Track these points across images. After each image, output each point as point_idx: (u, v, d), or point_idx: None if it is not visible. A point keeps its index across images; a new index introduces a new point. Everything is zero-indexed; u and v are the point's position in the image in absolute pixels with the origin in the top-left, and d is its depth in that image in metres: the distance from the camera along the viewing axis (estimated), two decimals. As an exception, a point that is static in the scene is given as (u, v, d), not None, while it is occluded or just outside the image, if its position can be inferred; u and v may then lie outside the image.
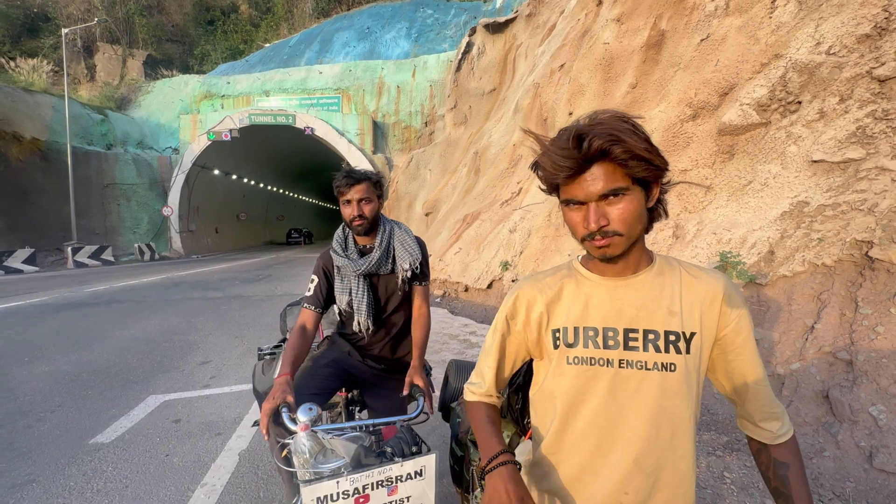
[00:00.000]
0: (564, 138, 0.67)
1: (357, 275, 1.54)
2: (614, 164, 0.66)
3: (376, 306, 1.58)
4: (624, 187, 0.66)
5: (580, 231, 0.70)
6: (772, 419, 0.75)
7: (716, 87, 4.83)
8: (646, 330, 0.72)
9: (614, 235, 0.68)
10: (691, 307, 0.72)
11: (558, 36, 10.23)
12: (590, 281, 0.78)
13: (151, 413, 2.93)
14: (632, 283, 0.74)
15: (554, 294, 0.79)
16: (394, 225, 1.63)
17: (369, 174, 1.54)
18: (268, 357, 1.70)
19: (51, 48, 26.95)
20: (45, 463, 2.30)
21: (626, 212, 0.67)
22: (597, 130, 0.65)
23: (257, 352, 1.76)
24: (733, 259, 3.60)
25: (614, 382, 0.72)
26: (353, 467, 0.91)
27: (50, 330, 5.51)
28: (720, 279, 0.75)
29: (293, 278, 11.23)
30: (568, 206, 0.71)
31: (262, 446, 2.43)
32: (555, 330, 0.78)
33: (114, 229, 20.31)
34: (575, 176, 0.67)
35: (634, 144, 0.65)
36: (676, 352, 0.71)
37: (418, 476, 0.91)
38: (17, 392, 3.35)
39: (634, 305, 0.73)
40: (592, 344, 0.74)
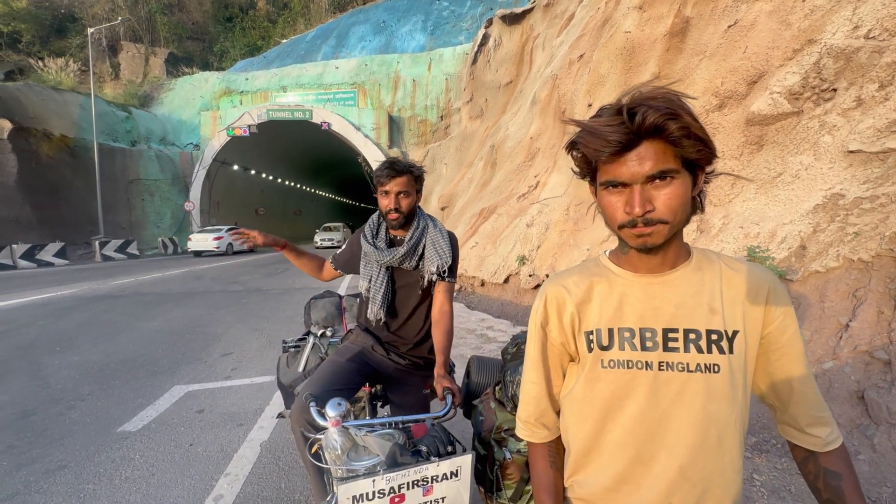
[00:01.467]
0: (612, 111, 0.61)
1: (380, 265, 1.53)
2: (665, 143, 0.60)
3: (392, 299, 1.56)
4: (674, 169, 0.61)
5: (619, 217, 0.64)
6: (820, 424, 0.68)
7: (744, 76, 4.65)
8: (686, 329, 0.67)
9: (658, 223, 0.62)
10: (733, 304, 0.67)
11: (577, 26, 10.01)
12: (622, 278, 0.72)
13: (176, 403, 3.01)
14: (669, 280, 0.69)
15: (583, 294, 0.74)
16: (429, 222, 1.59)
17: (412, 167, 1.51)
18: (292, 350, 1.71)
19: (77, 48, 27.75)
20: (76, 450, 2.38)
21: (674, 197, 0.61)
22: (651, 103, 0.58)
23: (282, 344, 1.77)
24: (762, 254, 3.48)
25: (654, 386, 0.67)
26: (388, 465, 0.89)
27: (79, 321, 5.71)
28: (765, 274, 0.70)
29: (311, 272, 11.36)
30: (606, 188, 0.65)
31: (284, 438, 2.46)
32: (588, 332, 0.72)
33: (138, 224, 20.92)
34: (620, 154, 0.61)
35: (691, 122, 0.59)
36: (720, 352, 0.66)
37: (454, 477, 0.88)
38: (50, 380, 3.48)
39: (672, 303, 0.68)
40: (629, 346, 0.69)
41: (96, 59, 23.67)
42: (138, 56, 30.21)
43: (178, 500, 1.92)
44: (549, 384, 0.78)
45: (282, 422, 2.64)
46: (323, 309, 1.85)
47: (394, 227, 1.53)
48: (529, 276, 6.37)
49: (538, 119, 9.67)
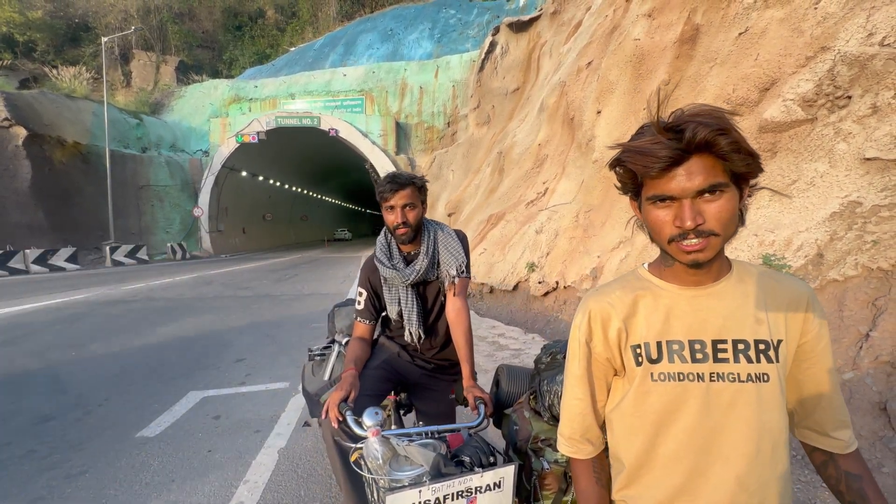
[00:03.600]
0: (654, 130, 0.63)
1: (405, 285, 1.50)
2: (714, 158, 0.61)
3: (425, 314, 1.56)
4: (724, 183, 0.62)
5: (668, 231, 0.65)
6: (844, 427, 0.71)
7: (756, 83, 4.64)
8: (735, 340, 0.68)
9: (710, 236, 0.63)
10: (776, 314, 0.69)
11: (585, 33, 10.06)
12: (667, 291, 0.73)
13: (192, 409, 3.02)
14: (714, 292, 0.70)
15: (629, 308, 0.74)
16: (436, 228, 1.58)
17: (414, 178, 1.48)
18: (318, 358, 1.72)
19: (91, 56, 28.29)
20: (96, 455, 2.40)
21: (725, 211, 0.62)
22: (700, 119, 0.60)
23: (308, 352, 1.77)
24: (777, 262, 3.45)
25: (707, 398, 0.68)
26: (432, 476, 0.89)
27: (93, 326, 5.77)
28: (803, 285, 0.72)
29: (319, 278, 11.43)
30: (654, 202, 0.66)
31: (301, 446, 2.47)
32: (635, 346, 0.73)
33: (148, 229, 21.14)
34: (669, 169, 0.62)
35: (740, 136, 0.61)
36: (768, 361, 0.67)
37: (497, 488, 0.88)
38: (67, 385, 3.52)
39: (720, 315, 0.69)
40: (679, 358, 0.69)
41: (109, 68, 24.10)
42: (150, 64, 30.73)
43: (198, 507, 1.93)
44: (594, 400, 0.78)
45: (299, 429, 2.65)
46: (347, 317, 1.84)
47: (404, 242, 1.50)
48: (539, 283, 6.35)
49: (546, 126, 9.69)
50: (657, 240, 0.68)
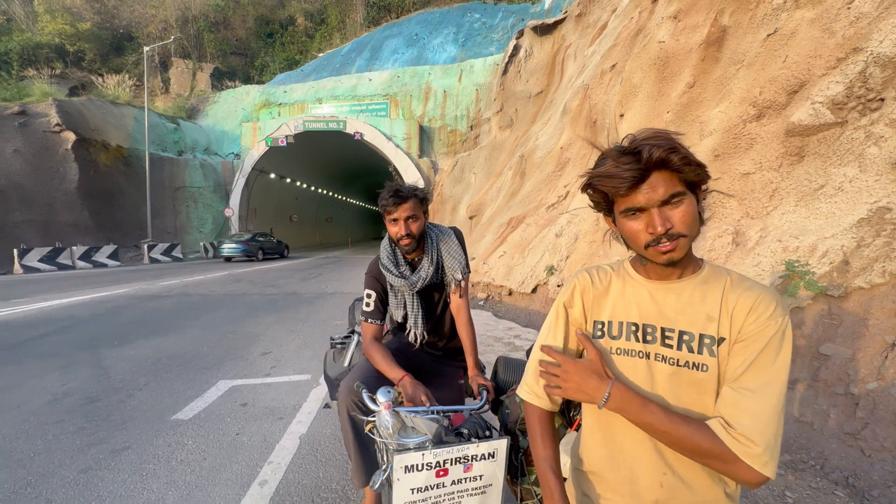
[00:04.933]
0: (616, 154, 0.74)
1: (412, 292, 1.58)
2: (670, 172, 0.71)
3: (430, 315, 1.64)
4: (681, 191, 0.72)
5: (643, 238, 0.75)
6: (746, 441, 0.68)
7: (783, 85, 4.54)
8: (682, 331, 0.77)
9: (679, 237, 0.72)
10: (728, 315, 0.75)
11: (610, 35, 9.98)
12: (636, 281, 0.84)
13: (222, 396, 3.23)
14: (673, 288, 0.80)
15: (603, 288, 0.87)
16: (437, 233, 1.64)
17: (416, 190, 1.53)
18: (339, 346, 1.85)
19: (133, 64, 29.89)
20: (137, 433, 2.61)
21: (687, 214, 0.72)
22: (653, 142, 0.71)
23: (330, 340, 1.91)
24: (801, 268, 3.39)
25: (650, 373, 0.79)
26: (434, 443, 1.01)
27: (133, 318, 6.15)
28: (764, 292, 0.75)
29: (341, 278, 11.72)
30: (626, 215, 0.76)
31: (321, 432, 2.61)
32: (597, 321, 0.85)
33: (183, 228, 22.12)
34: (634, 187, 0.72)
35: (687, 152, 0.72)
36: (710, 354, 0.75)
37: (491, 457, 0.99)
38: (110, 371, 3.80)
39: (673, 308, 0.79)
40: (634, 337, 0.81)
41: (149, 75, 25.43)
42: (186, 71, 32.20)
43: (227, 482, 2.09)
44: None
45: (319, 417, 2.80)
46: None
47: (408, 252, 1.56)
48: (558, 287, 6.35)
49: (568, 129, 9.66)
50: (634, 247, 0.78)
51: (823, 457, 2.53)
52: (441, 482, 0.96)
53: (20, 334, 5.12)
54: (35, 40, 28.28)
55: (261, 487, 2.04)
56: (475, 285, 8.43)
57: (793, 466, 2.27)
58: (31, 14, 29.70)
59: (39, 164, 16.35)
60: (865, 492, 2.12)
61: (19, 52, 27.15)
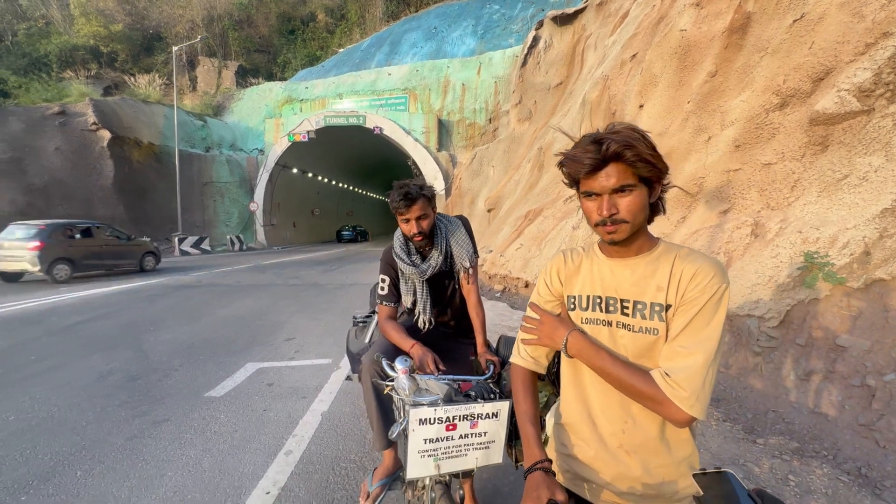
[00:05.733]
0: (587, 141, 0.83)
1: (422, 280, 1.70)
2: (625, 165, 0.81)
3: (439, 301, 1.77)
4: (632, 184, 0.82)
5: (594, 218, 0.86)
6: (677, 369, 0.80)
7: (808, 73, 4.43)
8: (635, 301, 0.89)
9: (622, 223, 0.83)
10: (674, 284, 0.85)
11: (631, 24, 9.79)
12: (600, 260, 0.96)
13: (249, 377, 3.45)
14: (629, 264, 0.91)
15: (575, 267, 0.99)
16: (446, 224, 1.76)
17: (423, 190, 1.62)
18: (360, 324, 2.01)
19: (162, 64, 30.93)
20: (175, 407, 2.84)
21: (633, 204, 0.83)
22: (614, 137, 0.80)
23: (353, 318, 2.07)
24: (820, 260, 3.35)
25: (612, 339, 0.91)
26: (445, 402, 1.15)
27: (167, 305, 6.52)
28: (707, 261, 0.85)
29: (361, 270, 12.00)
30: (586, 196, 0.87)
31: (341, 410, 2.79)
32: (570, 296, 0.98)
33: (210, 222, 22.92)
34: (593, 172, 0.83)
35: (643, 150, 0.80)
36: (660, 320, 0.86)
37: (494, 417, 1.13)
38: (149, 354, 4.09)
39: (629, 281, 0.90)
40: (599, 308, 0.93)
41: (178, 74, 26.31)
42: (212, 70, 33.10)
43: (256, 451, 2.28)
44: None
45: (340, 397, 2.97)
46: None
47: (421, 247, 1.70)
48: (574, 278, 6.38)
49: (588, 121, 9.56)
50: (589, 224, 0.90)
51: (836, 447, 2.54)
52: (450, 435, 1.09)
53: (67, 319, 5.52)
54: (72, 42, 29.61)
55: (286, 456, 2.21)
56: (492, 277, 8.51)
57: (799, 453, 2.30)
58: (67, 17, 31.08)
59: (78, 162, 17.23)
60: (878, 482, 2.14)
61: (58, 54, 28.48)
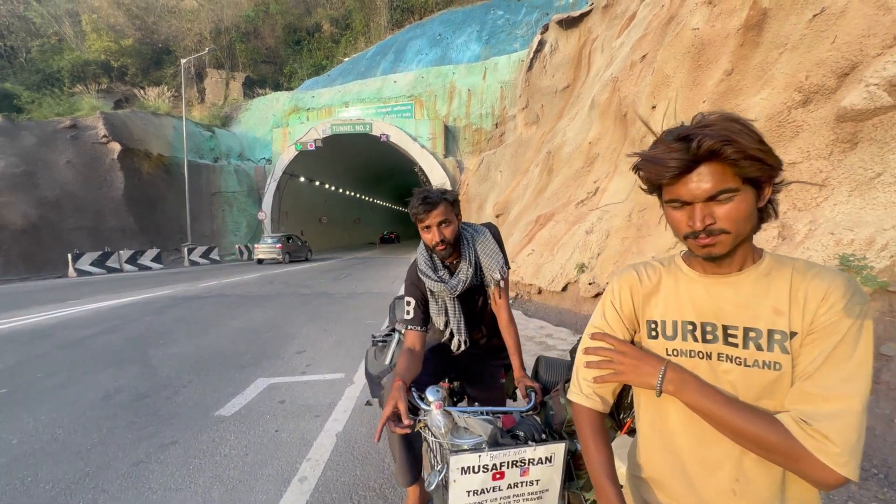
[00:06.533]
0: (671, 137, 0.67)
1: (453, 297, 1.54)
2: (724, 164, 0.64)
3: (472, 320, 1.61)
4: (734, 188, 0.65)
5: (683, 229, 0.70)
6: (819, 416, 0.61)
7: (832, 68, 4.26)
8: (746, 328, 0.70)
9: (721, 234, 0.67)
10: (798, 307, 0.68)
11: (639, 25, 9.66)
12: (688, 277, 0.78)
13: (260, 394, 3.34)
14: (733, 282, 0.73)
15: (652, 286, 0.81)
16: (473, 233, 1.59)
17: (445, 194, 1.48)
18: (380, 344, 1.87)
19: (171, 76, 31.38)
20: (183, 429, 2.74)
21: (735, 211, 0.66)
22: (707, 131, 0.64)
23: (371, 338, 1.94)
24: (857, 262, 3.17)
25: (714, 375, 0.72)
26: (490, 445, 0.99)
27: (176, 317, 6.46)
28: (837, 278, 0.67)
29: (371, 278, 11.90)
30: (671, 205, 0.71)
31: (357, 430, 2.66)
32: (650, 321, 0.80)
33: (219, 232, 23.05)
34: (681, 176, 0.67)
35: (747, 144, 0.63)
36: (783, 351, 0.67)
37: (548, 462, 0.96)
38: (157, 369, 4.00)
39: (734, 303, 0.72)
40: (692, 337, 0.75)
41: (186, 86, 26.63)
42: (220, 81, 33.51)
43: (268, 478, 2.15)
44: None
45: (355, 416, 2.84)
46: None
47: (444, 257, 1.53)
48: (589, 285, 6.21)
49: (597, 123, 9.43)
50: (677, 237, 0.73)
51: (887, 465, 2.35)
52: (497, 485, 0.94)
53: (76, 333, 5.47)
54: (83, 58, 30.17)
55: (301, 484, 2.09)
56: (503, 284, 8.35)
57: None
58: (79, 33, 31.69)
59: (89, 174, 17.43)
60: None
61: (70, 69, 29.02)
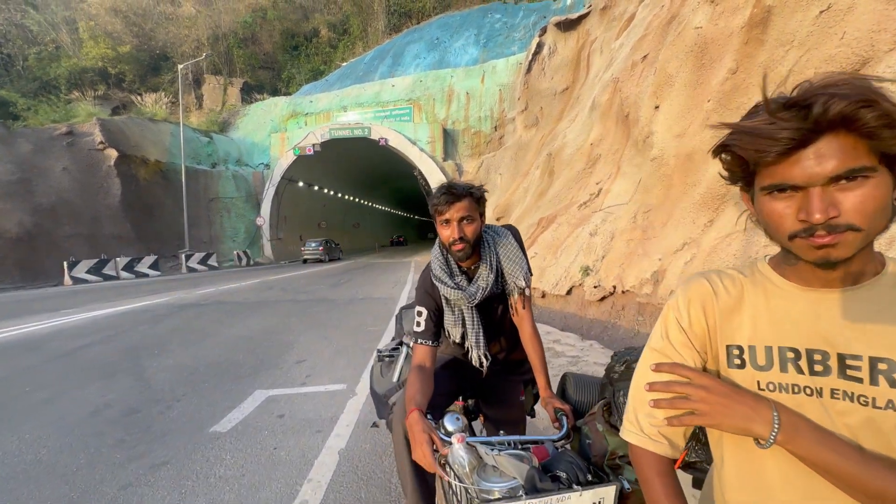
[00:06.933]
0: (776, 106, 0.52)
1: (471, 307, 1.38)
2: (856, 137, 0.50)
3: (492, 332, 1.46)
4: (870, 167, 0.50)
5: (788, 225, 0.54)
6: None
7: (843, 64, 4.17)
8: (873, 358, 0.54)
9: (847, 230, 0.51)
10: None
11: (639, 26, 9.61)
12: (784, 291, 0.61)
13: (258, 407, 3.19)
14: (848, 297, 0.57)
15: (733, 301, 0.64)
16: (494, 235, 1.44)
17: (472, 189, 1.32)
18: (386, 359, 1.71)
19: (168, 83, 31.34)
20: (176, 447, 2.59)
21: (870, 200, 0.50)
22: (837, 90, 0.49)
23: (376, 353, 1.78)
24: None
25: (827, 417, 0.56)
26: (527, 491, 0.84)
27: (172, 327, 6.30)
28: None
29: (370, 283, 11.75)
30: (771, 193, 0.55)
31: (360, 447, 2.51)
32: (732, 346, 0.63)
33: (217, 238, 22.91)
34: (791, 153, 0.52)
35: (894, 108, 0.48)
36: None
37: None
38: (151, 382, 3.85)
39: (854, 326, 0.56)
40: (794, 368, 0.59)
41: (184, 92, 26.56)
42: (218, 87, 33.48)
43: (267, 502, 2.01)
44: None
45: (357, 431, 2.70)
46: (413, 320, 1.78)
47: (462, 258, 1.35)
48: (595, 288, 6.09)
49: (598, 124, 9.35)
50: (776, 237, 0.58)
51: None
52: None
53: (69, 343, 5.32)
54: (81, 65, 30.11)
55: (301, 507, 1.94)
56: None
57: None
58: (76, 41, 31.64)
59: (85, 181, 17.30)
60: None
61: (67, 76, 28.94)
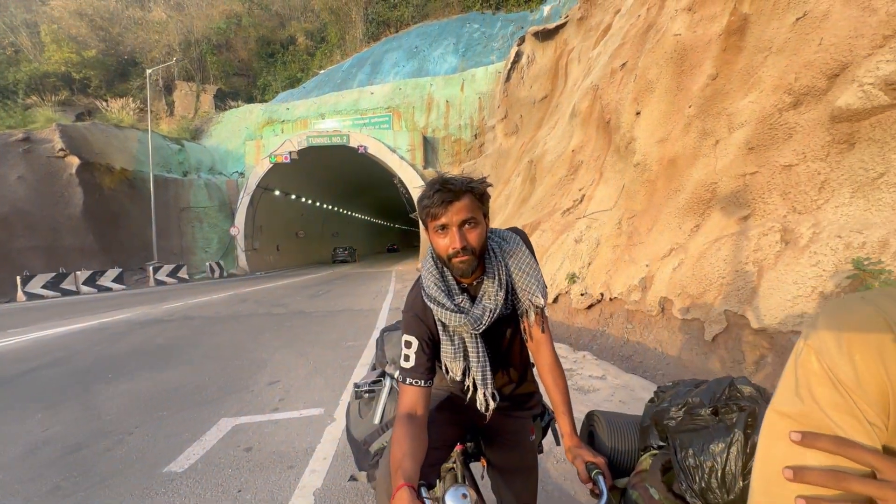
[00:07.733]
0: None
1: (475, 335, 1.08)
2: None
3: (500, 364, 1.16)
4: None
5: None
6: None
7: (822, 69, 4.18)
8: None
9: None
10: None
11: (616, 35, 9.72)
12: None
13: (222, 439, 2.85)
14: None
15: None
16: (499, 242, 1.13)
17: (472, 184, 1.01)
18: (366, 396, 1.40)
19: (137, 89, 30.23)
20: (122, 493, 2.24)
21: None
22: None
23: (353, 389, 1.46)
24: (872, 266, 2.98)
25: None
26: None
27: (131, 346, 5.81)
28: None
29: (350, 294, 11.36)
30: None
31: (338, 486, 2.22)
32: None
33: (188, 249, 22.00)
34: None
35: None
36: None
37: None
38: (101, 410, 3.45)
39: None
40: None
41: (153, 98, 25.66)
42: (190, 94, 32.49)
43: (225, 560, 1.70)
44: None
45: (335, 465, 2.40)
46: (398, 344, 1.31)
47: (465, 273, 1.03)
48: (581, 296, 5.96)
49: (579, 131, 9.36)
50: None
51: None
52: None
53: (9, 369, 4.79)
54: (42, 70, 28.69)
55: (265, 566, 1.65)
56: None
57: None
58: (38, 44, 30.21)
59: (44, 190, 16.32)
60: None
61: (27, 81, 27.52)
